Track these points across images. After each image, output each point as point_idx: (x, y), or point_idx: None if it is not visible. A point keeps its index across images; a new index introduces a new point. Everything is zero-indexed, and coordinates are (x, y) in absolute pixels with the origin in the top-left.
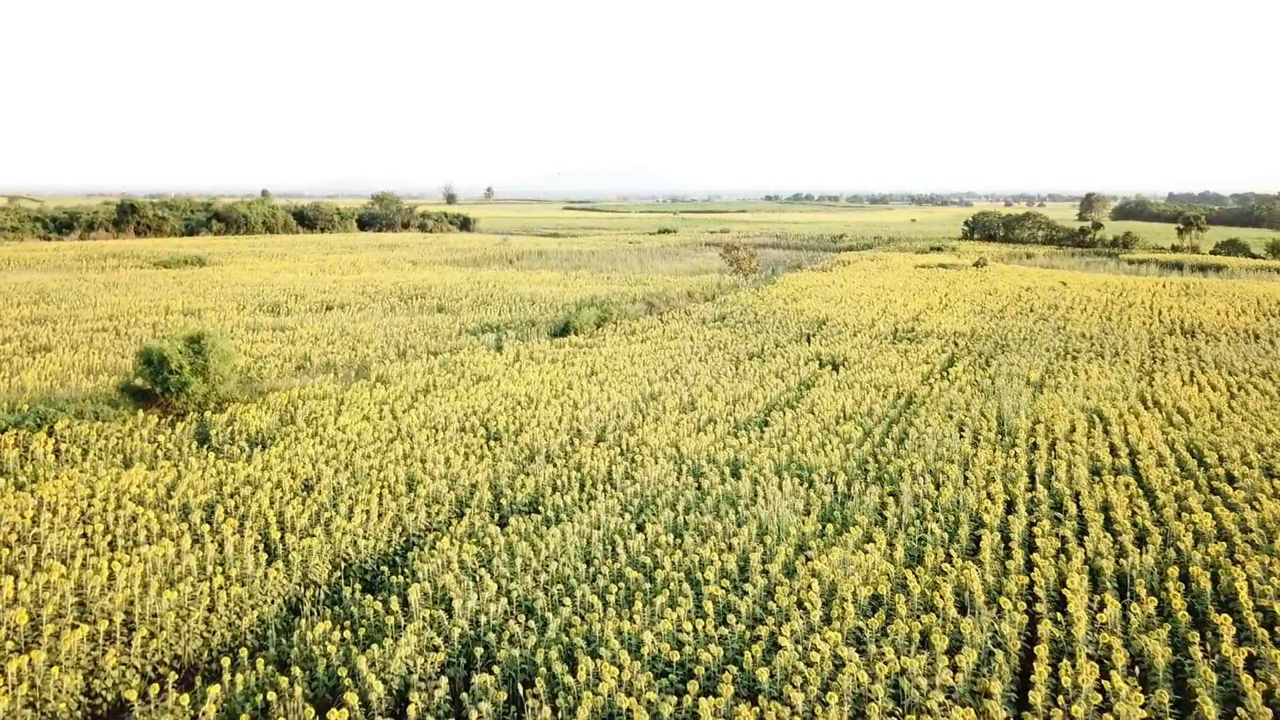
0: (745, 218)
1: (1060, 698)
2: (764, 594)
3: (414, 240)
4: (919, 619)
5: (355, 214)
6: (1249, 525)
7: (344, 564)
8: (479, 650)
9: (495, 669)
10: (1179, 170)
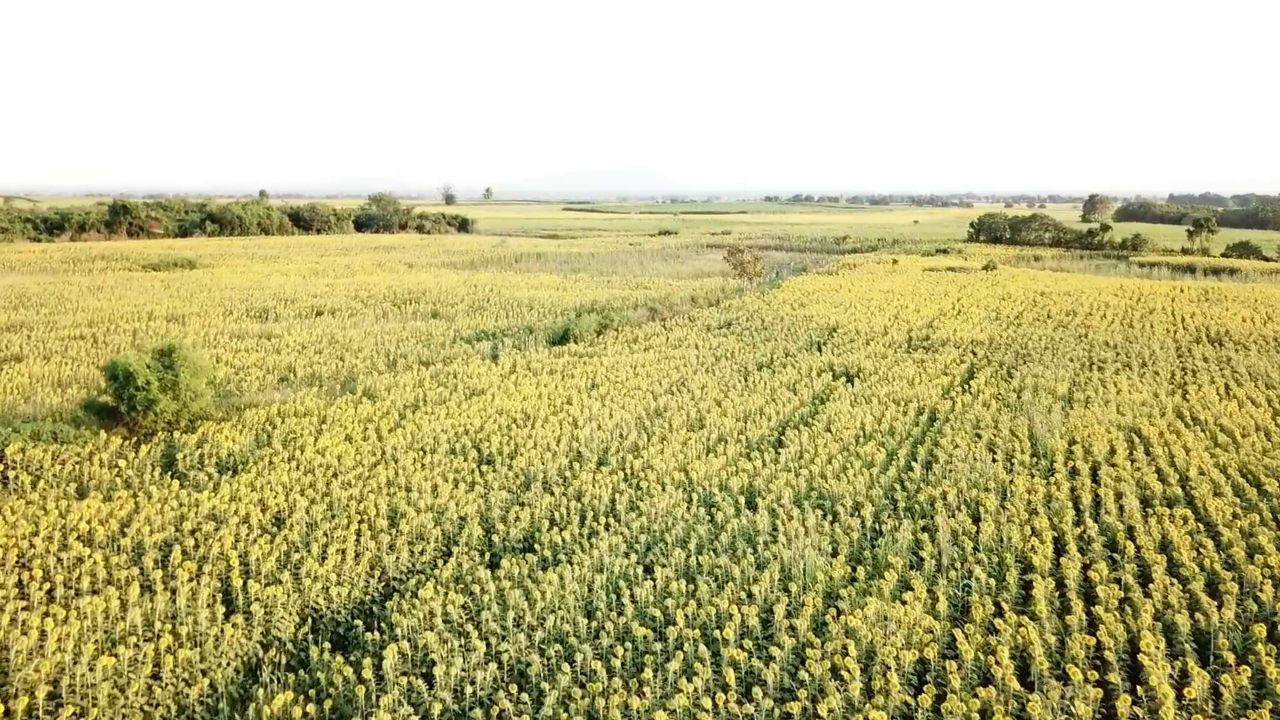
0: (746, 219)
1: None
2: (792, 657)
3: (411, 242)
4: (975, 693)
5: (352, 215)
6: None
7: (313, 616)
8: None
9: None
10: (1179, 171)
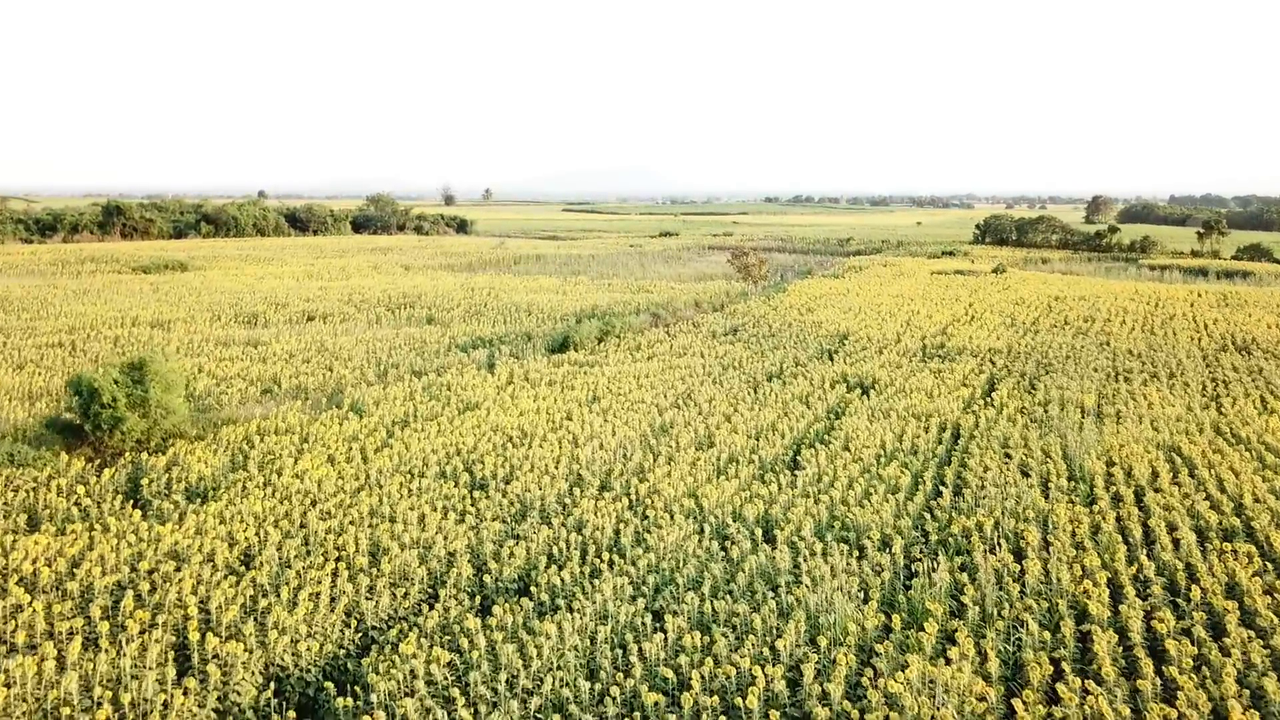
0: (747, 220)
1: None
2: None
3: (408, 243)
4: None
5: (349, 216)
6: None
7: (278, 676)
8: None
9: None
10: (1179, 172)
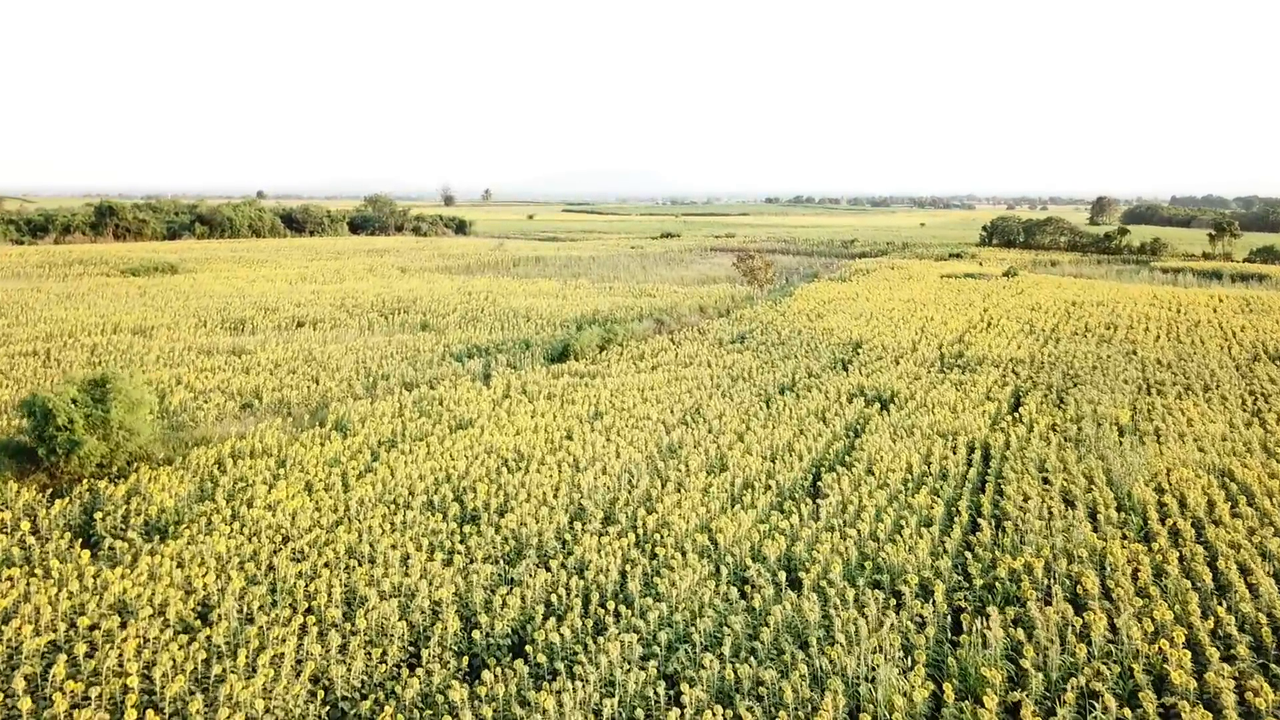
0: (749, 221)
1: None
2: None
3: (405, 245)
4: None
5: (347, 216)
6: None
7: None
8: None
9: None
10: (1179, 173)
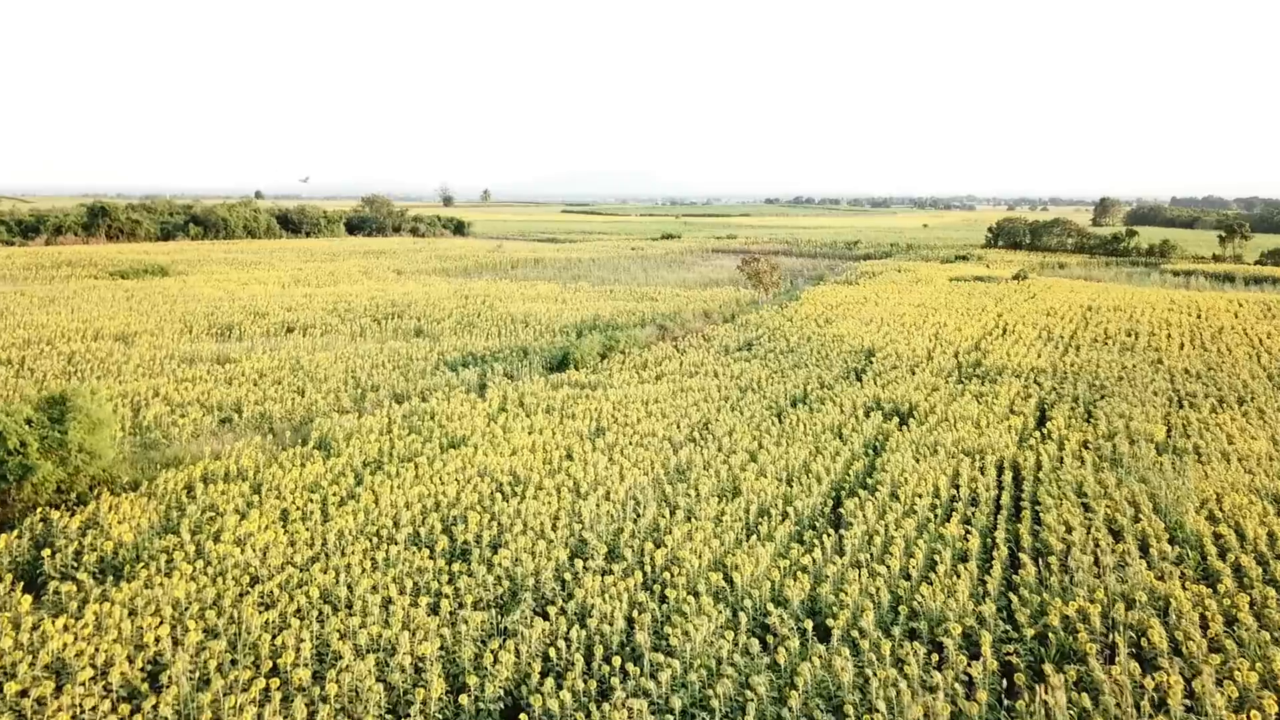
0: (750, 222)
1: None
2: None
3: (402, 246)
4: None
5: (343, 217)
6: None
7: None
8: None
9: None
10: (1179, 174)
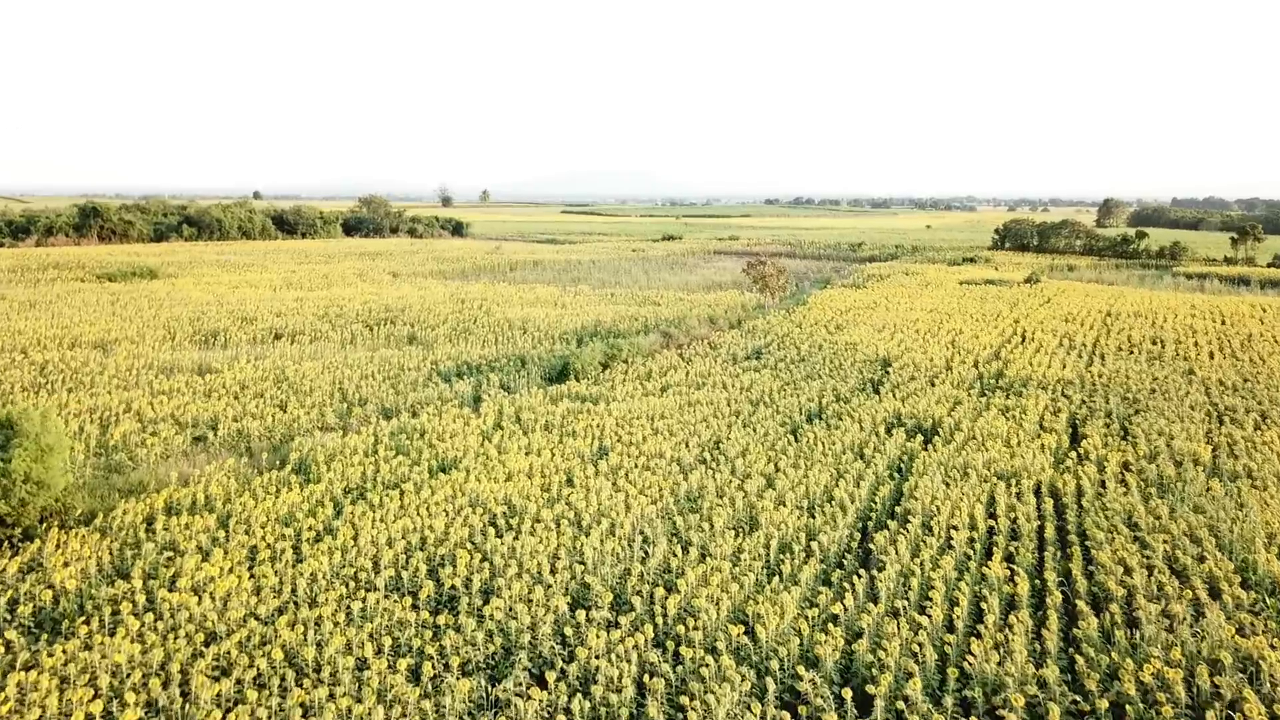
0: (751, 223)
1: None
2: None
3: (399, 248)
4: None
5: (340, 218)
6: None
7: None
8: None
9: None
10: (1179, 175)
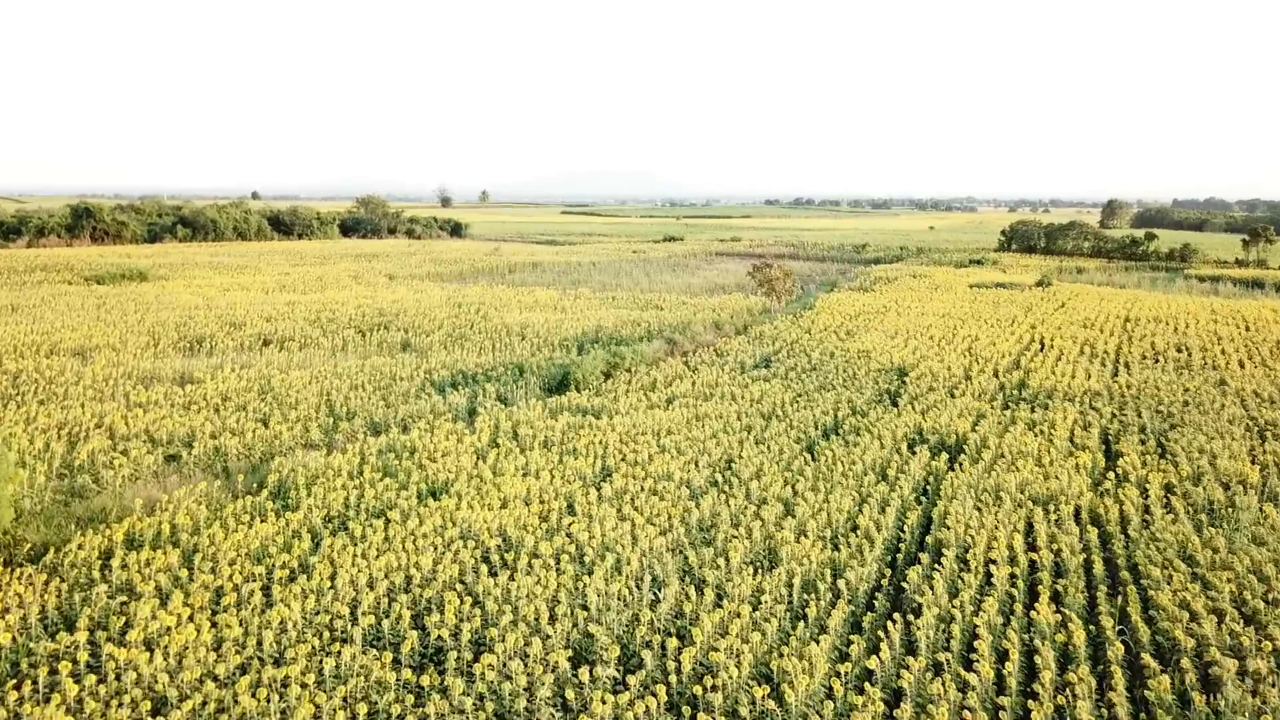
0: (752, 224)
1: None
2: None
3: (397, 249)
4: None
5: (337, 219)
6: None
7: None
8: None
9: None
10: (1178, 176)
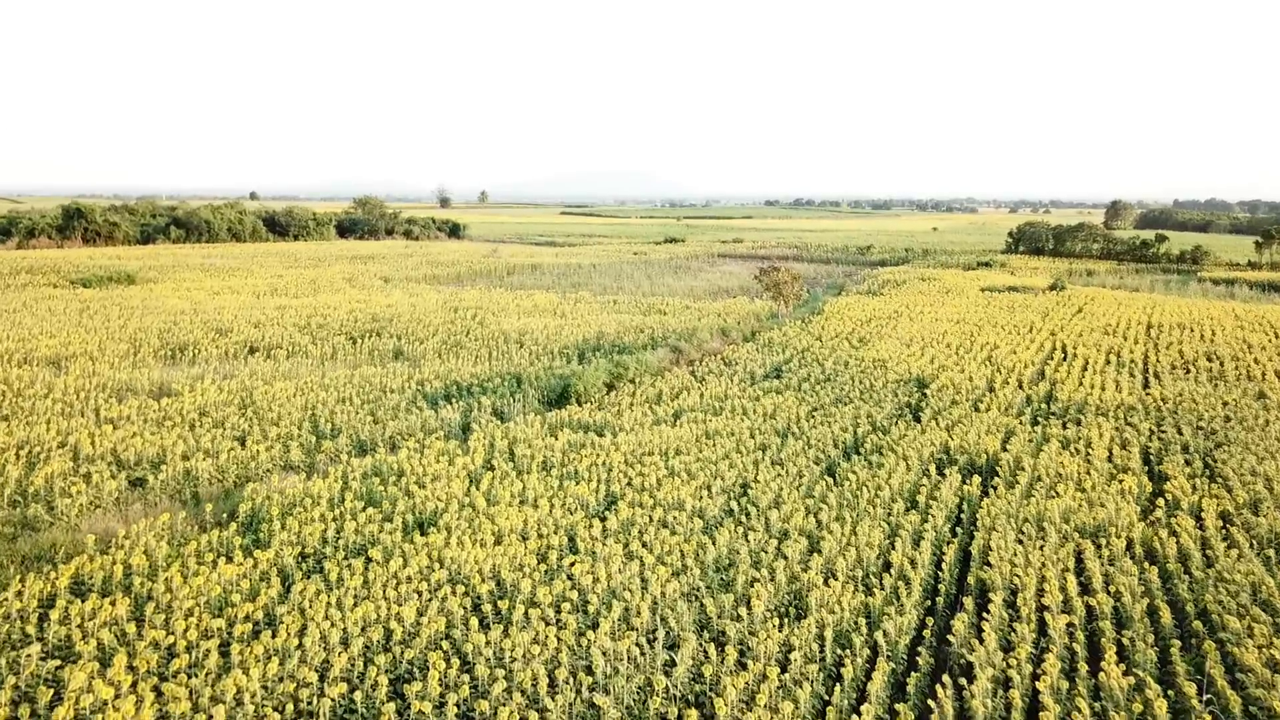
0: (753, 224)
1: None
2: None
3: (393, 251)
4: None
5: (334, 219)
6: None
7: None
8: None
9: None
10: (1178, 176)
